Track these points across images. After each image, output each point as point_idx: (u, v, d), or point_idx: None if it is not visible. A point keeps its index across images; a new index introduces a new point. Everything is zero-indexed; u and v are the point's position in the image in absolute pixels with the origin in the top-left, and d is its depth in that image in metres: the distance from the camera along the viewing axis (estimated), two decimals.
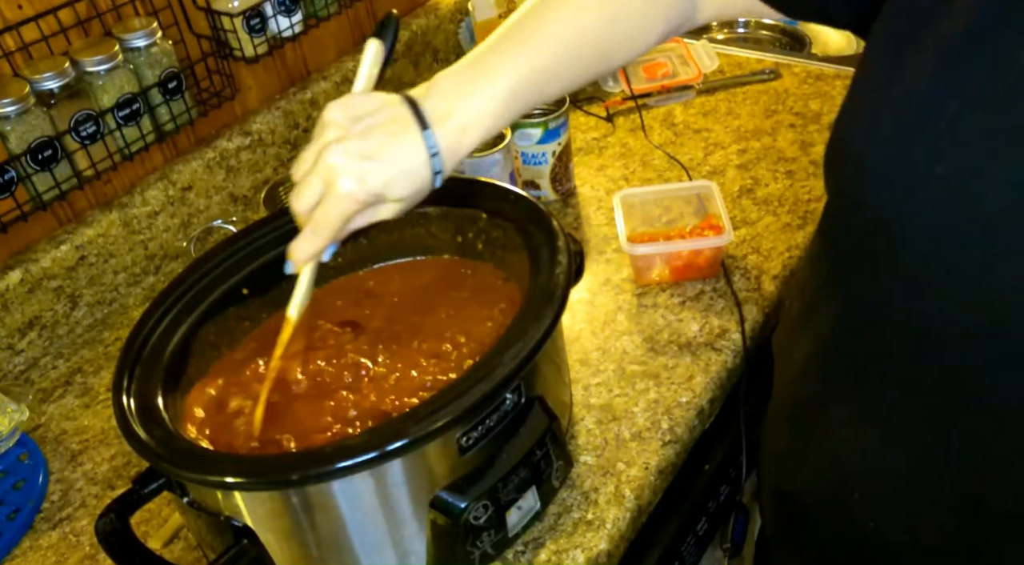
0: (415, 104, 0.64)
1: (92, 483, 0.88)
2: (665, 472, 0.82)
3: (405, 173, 0.63)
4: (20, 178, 0.94)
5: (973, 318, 0.54)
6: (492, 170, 1.07)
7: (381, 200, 0.64)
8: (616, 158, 1.22)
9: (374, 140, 0.62)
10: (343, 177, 0.61)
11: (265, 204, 1.08)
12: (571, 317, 0.97)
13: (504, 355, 0.66)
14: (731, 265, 1.01)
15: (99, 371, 1.02)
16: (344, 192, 0.61)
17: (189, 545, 0.81)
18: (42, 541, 0.83)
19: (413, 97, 0.65)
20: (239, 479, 0.62)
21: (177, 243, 1.15)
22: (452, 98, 0.64)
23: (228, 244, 0.83)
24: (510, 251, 0.81)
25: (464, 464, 0.68)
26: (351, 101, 0.65)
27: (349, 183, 0.61)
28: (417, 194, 0.65)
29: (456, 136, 0.64)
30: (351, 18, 1.34)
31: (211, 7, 1.10)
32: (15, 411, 0.91)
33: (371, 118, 0.63)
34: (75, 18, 1.00)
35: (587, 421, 0.86)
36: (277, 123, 1.23)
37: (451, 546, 0.69)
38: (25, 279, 1.00)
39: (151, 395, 0.69)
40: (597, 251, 1.06)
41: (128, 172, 1.11)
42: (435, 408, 0.63)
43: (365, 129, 0.62)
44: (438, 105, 0.64)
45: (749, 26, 1.70)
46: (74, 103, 0.97)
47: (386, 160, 0.62)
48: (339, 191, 0.61)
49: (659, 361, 0.91)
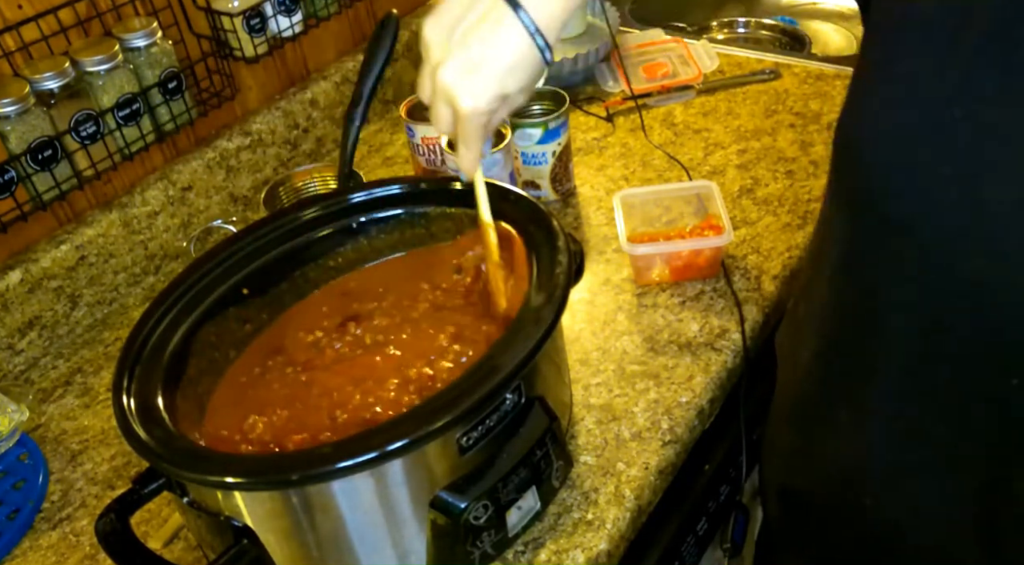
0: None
1: (92, 483, 0.88)
2: (665, 472, 0.82)
3: (515, 66, 0.64)
4: (20, 178, 0.94)
5: (980, 315, 0.54)
6: (492, 170, 1.07)
7: (504, 98, 0.65)
8: (616, 158, 1.22)
9: (475, 46, 0.63)
10: (462, 97, 0.63)
11: (265, 204, 1.08)
12: (571, 317, 0.97)
13: (504, 355, 0.66)
14: (731, 265, 1.01)
15: (99, 371, 1.02)
16: (468, 110, 0.64)
17: (189, 545, 0.81)
18: (42, 541, 0.83)
19: None
20: (239, 479, 0.62)
21: (177, 243, 1.15)
22: None
23: (228, 244, 0.83)
24: (509, 251, 0.81)
25: (464, 464, 0.68)
26: (442, 10, 0.65)
27: (468, 101, 0.63)
28: (532, 79, 0.66)
29: (549, 6, 0.63)
30: (351, 18, 1.34)
31: (211, 7, 1.10)
32: (15, 411, 0.91)
33: (464, 23, 0.64)
34: (75, 18, 1.00)
35: (587, 421, 0.86)
36: (277, 123, 1.23)
37: (451, 546, 0.69)
38: (25, 279, 1.00)
39: (151, 395, 0.69)
40: (597, 251, 1.06)
41: (128, 172, 1.11)
42: (435, 408, 0.63)
43: (463, 37, 0.63)
44: None
45: (749, 26, 1.70)
46: (74, 103, 0.97)
47: (493, 64, 0.63)
48: (463, 110, 0.64)
49: (659, 361, 0.91)
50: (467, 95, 0.63)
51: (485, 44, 0.63)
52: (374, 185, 0.87)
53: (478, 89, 0.63)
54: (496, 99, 0.64)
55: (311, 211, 0.85)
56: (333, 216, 0.86)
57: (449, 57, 0.63)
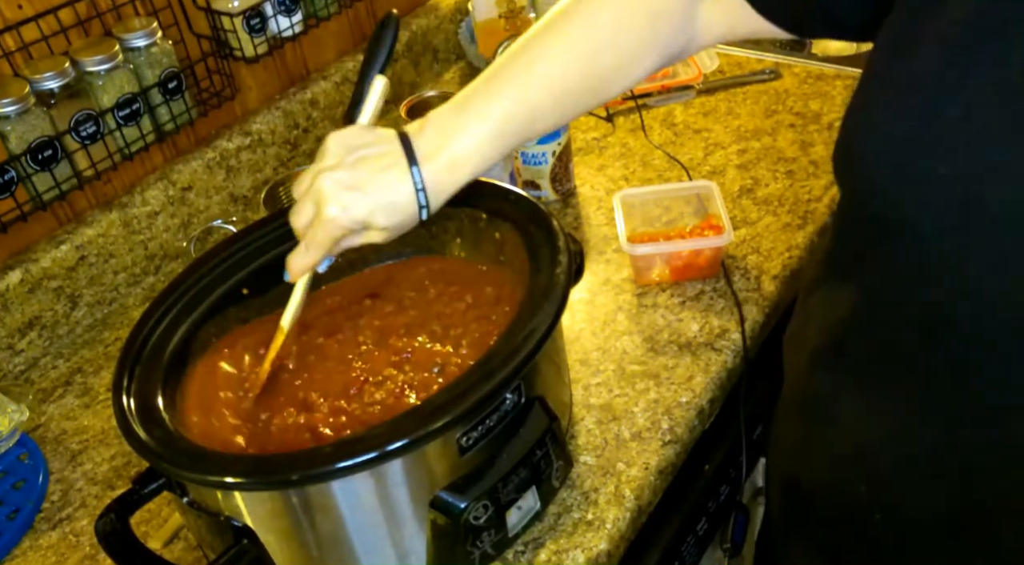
0: (407, 140, 0.67)
1: (92, 483, 0.88)
2: (665, 472, 0.82)
3: (389, 205, 0.66)
4: (20, 178, 0.94)
5: (980, 315, 0.54)
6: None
7: (367, 227, 0.67)
8: (616, 158, 1.22)
9: (362, 172, 0.66)
10: (330, 204, 0.65)
11: (265, 204, 1.08)
12: (571, 317, 0.97)
13: (504, 355, 0.66)
14: (731, 265, 1.01)
15: (99, 371, 1.02)
16: (329, 217, 0.65)
17: (189, 545, 0.81)
18: (42, 541, 0.83)
19: (407, 133, 0.68)
20: (239, 479, 0.62)
21: (177, 243, 1.15)
22: (442, 136, 0.67)
23: (228, 244, 0.83)
24: (510, 251, 0.81)
25: (464, 464, 0.68)
26: (350, 132, 0.69)
27: (334, 210, 0.65)
28: (401, 225, 0.68)
29: (444, 173, 0.67)
30: (351, 18, 1.34)
31: (211, 7, 1.10)
32: (15, 411, 0.91)
33: (364, 150, 0.67)
34: (75, 18, 1.00)
35: (587, 421, 0.86)
36: (277, 123, 1.23)
37: (451, 546, 0.69)
38: (25, 279, 1.00)
39: (151, 395, 0.69)
40: (597, 251, 1.06)
41: (128, 172, 1.11)
42: (435, 408, 0.63)
43: (357, 160, 0.67)
44: (428, 142, 0.67)
45: None
46: (74, 103, 0.97)
47: (371, 192, 0.66)
48: (325, 216, 0.66)
49: (659, 361, 0.91)
50: (336, 204, 0.65)
51: (372, 175, 0.66)
52: None
53: (349, 204, 0.65)
54: (359, 222, 0.66)
55: None
56: None
57: (338, 169, 0.66)
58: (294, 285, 0.74)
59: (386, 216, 0.66)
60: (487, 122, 0.68)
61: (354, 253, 0.87)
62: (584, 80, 0.70)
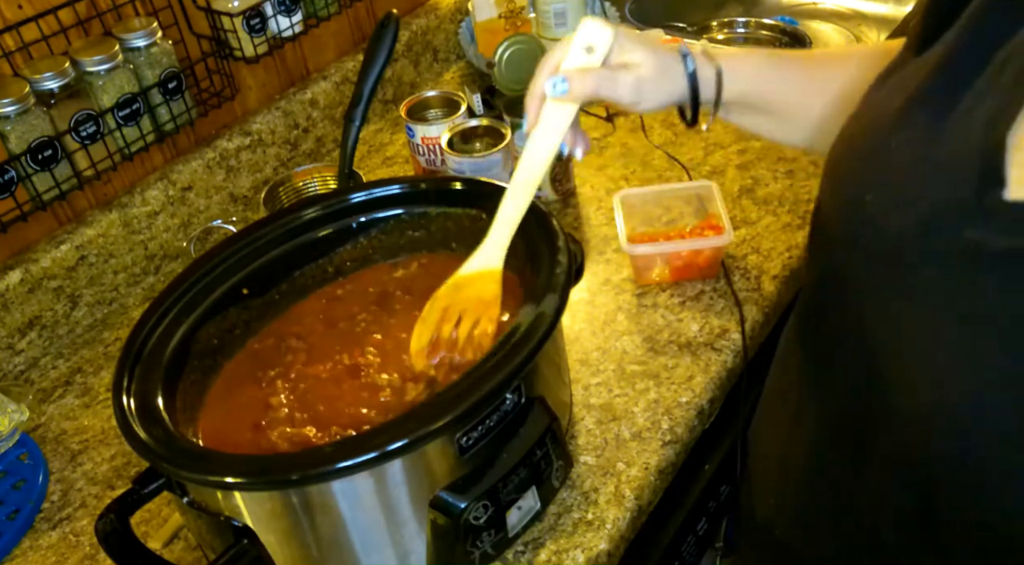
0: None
1: (92, 483, 0.88)
2: (665, 472, 0.82)
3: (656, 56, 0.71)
4: (20, 178, 0.94)
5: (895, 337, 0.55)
6: (492, 170, 1.07)
7: (629, 63, 0.70)
8: (616, 158, 1.22)
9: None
10: (599, 22, 0.69)
11: (265, 204, 1.08)
12: (571, 317, 0.97)
13: (504, 355, 0.66)
14: (731, 265, 1.01)
15: (99, 371, 1.02)
16: (598, 25, 0.69)
17: (189, 545, 0.81)
18: (42, 541, 0.83)
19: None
20: (239, 479, 0.62)
21: (177, 243, 1.15)
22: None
23: (228, 244, 0.83)
24: (510, 251, 0.81)
25: (464, 464, 0.68)
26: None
27: (599, 26, 0.69)
28: (661, 79, 0.71)
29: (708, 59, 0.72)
30: (351, 18, 1.34)
31: (211, 7, 1.10)
32: (15, 411, 0.91)
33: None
34: (75, 18, 1.00)
35: (587, 421, 0.86)
36: (277, 123, 1.23)
37: (451, 546, 0.69)
38: (25, 279, 1.00)
39: (151, 395, 0.69)
40: (597, 251, 1.06)
41: (128, 172, 1.11)
42: (435, 408, 0.63)
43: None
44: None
45: (749, 26, 1.70)
46: (74, 103, 0.97)
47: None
48: (591, 24, 0.69)
49: (659, 361, 0.91)
50: (606, 25, 0.69)
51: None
52: (374, 185, 0.87)
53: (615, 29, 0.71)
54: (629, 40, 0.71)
55: (311, 211, 0.85)
56: (333, 216, 0.86)
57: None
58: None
59: (650, 52, 0.68)
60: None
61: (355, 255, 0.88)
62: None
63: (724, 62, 0.72)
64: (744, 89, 0.73)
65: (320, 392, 0.76)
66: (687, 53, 0.70)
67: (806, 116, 0.76)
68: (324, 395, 0.76)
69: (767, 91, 0.74)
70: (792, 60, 0.76)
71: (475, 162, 1.06)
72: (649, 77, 0.69)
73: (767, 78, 0.74)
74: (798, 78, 0.75)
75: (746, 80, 0.73)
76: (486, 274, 0.74)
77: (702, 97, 0.72)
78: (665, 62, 0.70)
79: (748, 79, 0.73)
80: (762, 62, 0.74)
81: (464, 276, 0.74)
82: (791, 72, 0.75)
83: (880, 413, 0.57)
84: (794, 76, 0.75)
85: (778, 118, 0.76)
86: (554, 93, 0.68)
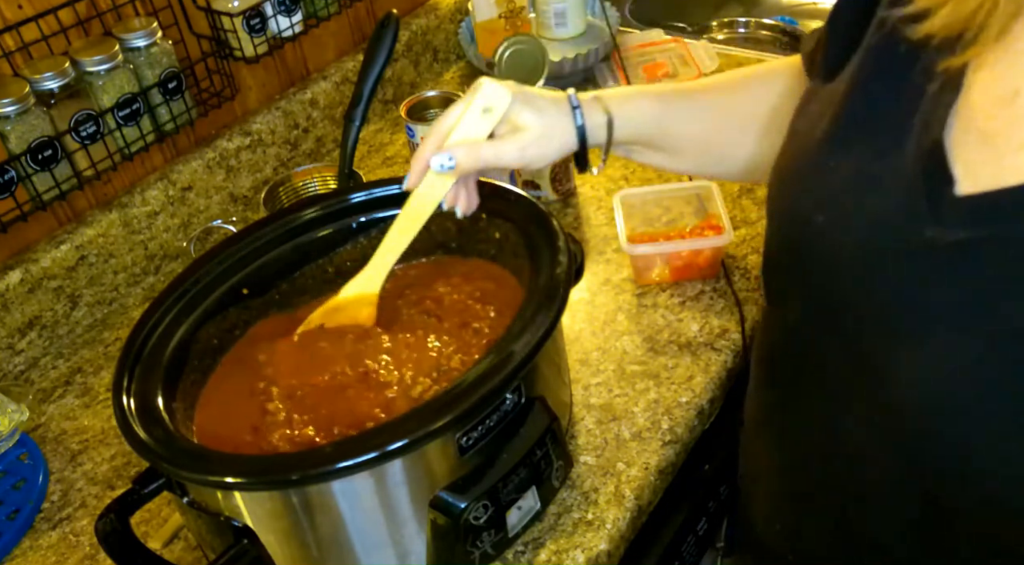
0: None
1: (92, 483, 0.88)
2: (665, 472, 0.82)
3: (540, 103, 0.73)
4: (20, 178, 0.94)
5: (850, 343, 0.57)
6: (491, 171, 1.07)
7: (516, 125, 0.72)
8: (616, 158, 1.22)
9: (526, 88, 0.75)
10: (487, 83, 0.71)
11: (265, 204, 1.08)
12: (571, 317, 0.97)
13: (504, 355, 0.66)
14: (731, 265, 1.01)
15: (99, 371, 1.02)
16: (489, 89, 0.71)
17: (189, 545, 0.81)
18: (42, 541, 0.83)
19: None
20: (239, 479, 0.62)
21: (177, 243, 1.15)
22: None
23: (228, 244, 0.83)
24: (510, 251, 0.81)
25: (464, 464, 0.68)
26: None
27: (492, 86, 0.71)
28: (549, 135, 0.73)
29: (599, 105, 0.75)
30: (351, 18, 1.34)
31: (211, 7, 1.10)
32: (15, 411, 0.91)
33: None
34: (75, 18, 1.00)
35: (587, 421, 0.86)
36: (277, 123, 1.23)
37: (451, 546, 0.69)
38: (25, 279, 1.00)
39: (151, 395, 0.69)
40: (597, 251, 1.06)
41: (128, 172, 1.11)
42: (435, 408, 0.63)
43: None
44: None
45: (749, 26, 1.70)
46: (74, 103, 0.97)
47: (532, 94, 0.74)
48: (483, 87, 0.71)
49: (659, 361, 0.91)
50: (493, 85, 0.71)
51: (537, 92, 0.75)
52: (374, 185, 0.87)
53: (506, 87, 0.71)
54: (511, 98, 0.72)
55: (311, 211, 0.85)
56: (333, 216, 0.86)
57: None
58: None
59: (538, 115, 0.70)
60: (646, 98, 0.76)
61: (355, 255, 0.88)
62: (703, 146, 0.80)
63: (615, 109, 0.74)
64: (636, 132, 0.76)
65: (316, 395, 0.76)
66: (577, 105, 0.73)
67: (705, 150, 0.80)
68: (320, 398, 0.75)
69: (659, 133, 0.77)
70: (686, 96, 0.78)
71: None
72: (534, 141, 0.71)
73: (659, 119, 0.77)
74: (692, 115, 0.78)
75: (637, 124, 0.76)
76: (363, 298, 0.78)
77: (592, 143, 0.74)
78: (551, 122, 0.72)
79: (640, 123, 0.76)
80: (654, 105, 0.76)
81: (342, 299, 0.79)
82: (685, 111, 0.78)
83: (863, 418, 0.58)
84: (687, 114, 0.78)
85: (675, 154, 0.80)
86: (440, 171, 0.71)
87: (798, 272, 0.61)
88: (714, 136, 0.79)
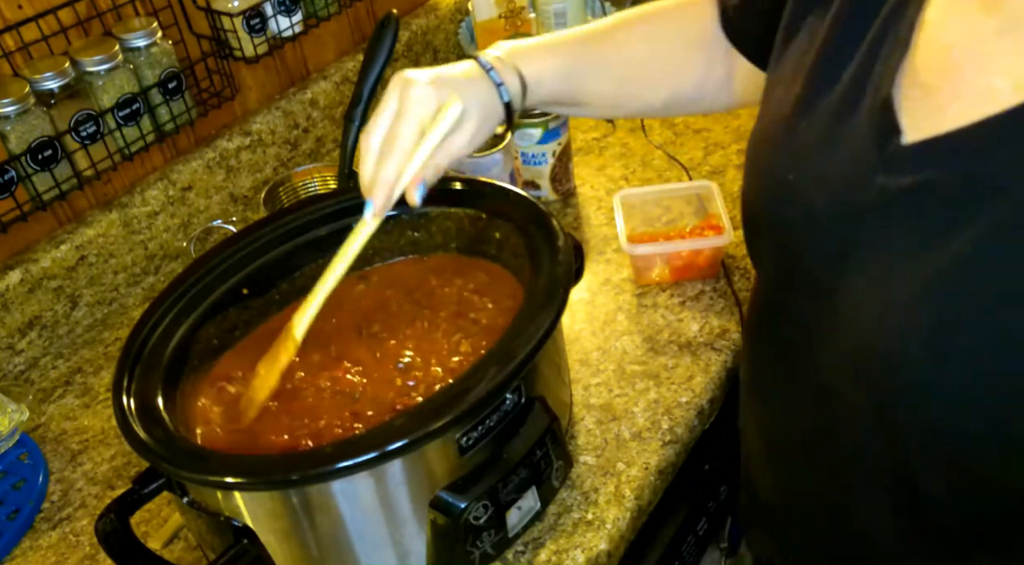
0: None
1: (92, 483, 0.88)
2: (665, 472, 0.82)
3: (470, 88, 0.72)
4: (20, 178, 0.94)
5: (822, 302, 0.60)
6: (492, 170, 1.07)
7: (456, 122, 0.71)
8: (616, 158, 1.22)
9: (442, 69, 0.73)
10: (415, 85, 0.68)
11: (265, 204, 1.08)
12: (571, 317, 0.97)
13: (504, 355, 0.66)
14: (731, 265, 1.01)
15: (99, 371, 1.02)
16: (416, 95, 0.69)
17: (189, 545, 0.81)
18: (42, 541, 0.83)
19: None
20: (239, 479, 0.62)
21: (177, 243, 1.15)
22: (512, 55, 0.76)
23: (228, 244, 0.83)
24: (510, 251, 0.81)
25: (464, 464, 0.68)
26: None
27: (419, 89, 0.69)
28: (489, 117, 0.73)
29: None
30: (351, 18, 1.34)
31: (211, 7, 1.10)
32: (15, 411, 0.91)
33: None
34: (75, 18, 1.00)
35: (587, 421, 0.86)
36: (277, 123, 1.23)
37: (451, 546, 0.69)
38: (25, 279, 1.00)
39: (151, 395, 0.69)
40: (597, 251, 1.06)
41: (128, 172, 1.11)
42: (435, 408, 0.63)
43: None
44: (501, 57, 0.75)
45: None
46: (74, 103, 0.97)
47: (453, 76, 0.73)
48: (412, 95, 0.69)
49: (659, 361, 0.91)
50: (420, 84, 0.69)
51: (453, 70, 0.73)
52: None
53: (432, 84, 0.70)
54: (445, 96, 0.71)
55: (311, 211, 0.85)
56: (333, 216, 0.86)
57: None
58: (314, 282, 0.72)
59: (469, 98, 0.69)
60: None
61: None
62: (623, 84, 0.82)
63: (526, 69, 0.75)
64: (548, 94, 0.77)
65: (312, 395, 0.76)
66: (490, 68, 0.72)
67: (618, 104, 0.83)
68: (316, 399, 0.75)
69: (572, 91, 0.79)
70: (595, 46, 0.79)
71: (474, 162, 1.06)
72: (479, 126, 0.71)
73: (569, 79, 0.78)
74: (603, 69, 0.80)
75: (550, 85, 0.77)
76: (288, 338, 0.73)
77: (509, 101, 0.74)
78: (484, 101, 0.71)
79: (552, 82, 0.77)
80: (565, 62, 0.77)
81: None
82: (595, 67, 0.79)
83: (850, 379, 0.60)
84: (598, 70, 0.79)
85: (588, 107, 0.82)
86: (418, 200, 0.69)
87: (772, 228, 0.65)
88: (626, 87, 0.82)
